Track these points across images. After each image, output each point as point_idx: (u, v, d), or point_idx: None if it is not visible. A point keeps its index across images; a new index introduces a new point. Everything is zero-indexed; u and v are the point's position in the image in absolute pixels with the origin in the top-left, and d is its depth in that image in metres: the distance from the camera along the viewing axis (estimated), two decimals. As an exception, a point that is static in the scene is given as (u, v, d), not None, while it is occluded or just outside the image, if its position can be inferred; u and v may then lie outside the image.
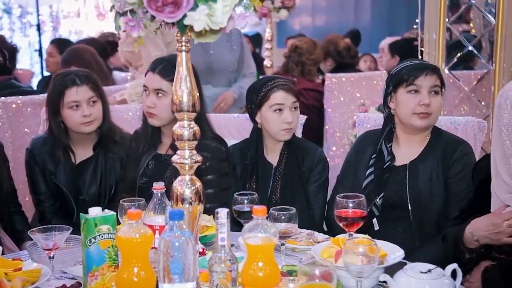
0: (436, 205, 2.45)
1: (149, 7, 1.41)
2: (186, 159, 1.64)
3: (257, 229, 1.62)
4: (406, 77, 2.48)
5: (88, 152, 2.90)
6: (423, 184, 2.47)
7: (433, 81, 2.47)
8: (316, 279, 1.55)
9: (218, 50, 4.12)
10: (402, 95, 2.49)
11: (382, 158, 2.55)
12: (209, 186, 2.53)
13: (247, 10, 1.56)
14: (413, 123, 2.49)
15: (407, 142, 2.56)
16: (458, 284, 1.74)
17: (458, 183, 2.44)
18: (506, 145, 2.07)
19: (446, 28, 3.90)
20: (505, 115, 2.06)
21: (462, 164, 2.45)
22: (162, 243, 1.49)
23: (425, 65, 2.52)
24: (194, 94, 1.63)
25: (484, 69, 4.22)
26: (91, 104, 2.82)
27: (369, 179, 2.54)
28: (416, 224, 2.46)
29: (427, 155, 2.51)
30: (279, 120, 2.65)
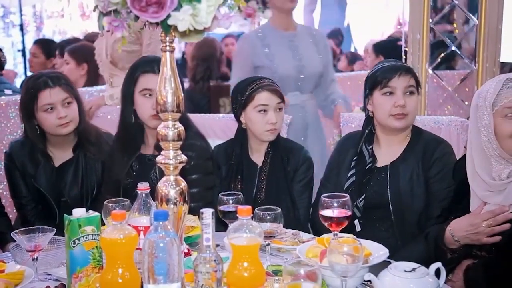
0: (417, 205, 2.46)
1: (132, 7, 1.41)
2: (170, 159, 1.64)
3: (242, 229, 1.62)
4: (380, 79, 2.50)
5: (68, 154, 2.87)
6: (404, 185, 2.48)
7: (407, 82, 2.49)
8: (301, 279, 1.56)
9: (307, 53, 3.79)
10: (377, 97, 2.51)
11: (363, 160, 2.56)
12: (194, 185, 2.54)
13: (232, 10, 1.56)
14: (390, 124, 2.50)
15: (387, 143, 2.58)
16: (442, 282, 1.76)
17: (439, 183, 2.45)
18: (485, 145, 2.08)
19: (430, 29, 3.92)
20: (484, 116, 2.07)
21: (442, 163, 2.46)
22: (147, 244, 1.48)
23: (398, 66, 2.53)
24: (179, 95, 1.63)
25: (467, 69, 4.25)
26: (66, 106, 2.78)
27: (350, 181, 2.56)
28: (398, 224, 2.47)
29: (408, 155, 2.52)
30: (264, 121, 2.65)
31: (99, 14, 1.52)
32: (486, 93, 2.07)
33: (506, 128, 2.03)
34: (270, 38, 3.73)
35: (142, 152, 2.73)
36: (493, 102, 2.04)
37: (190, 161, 2.54)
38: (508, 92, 2.02)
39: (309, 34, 3.86)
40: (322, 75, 3.83)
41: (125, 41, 1.54)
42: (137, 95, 2.66)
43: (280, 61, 3.68)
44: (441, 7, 5.37)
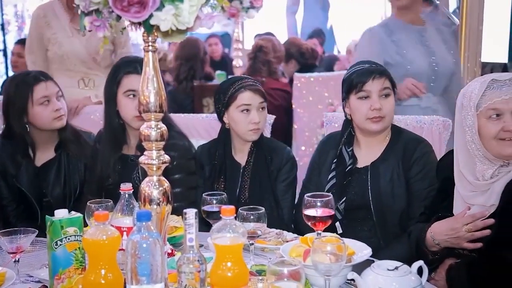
0: (398, 205, 2.47)
1: (114, 6, 1.40)
2: (153, 159, 1.64)
3: (226, 229, 1.62)
4: (355, 83, 2.51)
5: (50, 153, 2.86)
6: (385, 185, 2.49)
7: (381, 84, 2.49)
8: (285, 278, 1.56)
9: (439, 49, 3.43)
10: (353, 101, 2.52)
11: (343, 162, 2.57)
12: (177, 185, 2.53)
13: (214, 10, 1.56)
14: (367, 127, 2.51)
15: (367, 144, 2.59)
16: (424, 280, 1.77)
17: (420, 183, 2.46)
18: (470, 146, 2.09)
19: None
20: (469, 116, 2.07)
21: (422, 163, 2.48)
22: (130, 245, 1.48)
23: (372, 70, 2.52)
24: (161, 95, 1.62)
25: (449, 69, 4.27)
26: (58, 99, 2.81)
27: (331, 183, 2.56)
28: (380, 225, 2.48)
29: (388, 155, 2.53)
30: (247, 121, 2.65)
31: (80, 14, 1.51)
32: (471, 94, 2.07)
33: (490, 129, 2.03)
34: (399, 33, 3.43)
35: (125, 152, 2.72)
36: (478, 103, 2.04)
37: (173, 161, 2.53)
38: (492, 94, 2.02)
39: (437, 28, 3.53)
40: (454, 74, 3.47)
41: (106, 41, 1.53)
42: (121, 96, 2.65)
43: (413, 58, 3.38)
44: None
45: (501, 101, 2.01)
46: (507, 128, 2.00)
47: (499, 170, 2.05)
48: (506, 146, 2.02)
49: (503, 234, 1.99)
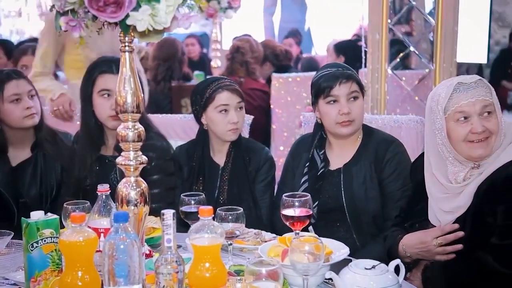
0: (372, 207, 2.47)
1: (90, 6, 1.39)
2: (131, 160, 1.63)
3: (204, 230, 1.62)
4: (322, 88, 2.50)
5: (26, 153, 2.82)
6: (358, 187, 2.49)
7: (348, 88, 2.49)
8: (263, 278, 1.56)
9: None
10: (322, 106, 2.52)
11: (315, 166, 2.58)
12: (155, 186, 2.52)
13: (191, 10, 1.56)
14: (337, 132, 2.52)
15: (339, 146, 2.59)
16: (401, 279, 1.79)
17: (393, 184, 2.47)
18: (441, 148, 2.10)
19: (389, 29, 3.98)
20: (437, 120, 2.08)
21: (394, 164, 2.48)
22: (107, 246, 1.47)
23: (338, 74, 2.51)
24: (139, 95, 1.62)
25: (425, 69, 4.33)
26: (31, 98, 2.77)
27: (303, 187, 2.56)
28: (355, 226, 2.49)
29: (360, 157, 2.54)
30: (225, 121, 2.65)
31: (56, 13, 1.50)
32: (438, 97, 2.08)
33: (459, 132, 2.04)
34: None
35: (102, 153, 2.70)
36: (445, 107, 2.05)
37: (151, 162, 2.52)
38: (459, 97, 2.03)
39: None
40: None
41: (83, 41, 1.52)
42: (96, 95, 2.63)
43: None
44: (399, 8, 5.46)
45: (468, 104, 2.02)
46: (475, 130, 2.02)
47: (470, 172, 2.07)
48: (476, 148, 2.04)
49: (477, 235, 2.01)
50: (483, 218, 2.00)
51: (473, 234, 2.02)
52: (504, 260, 1.93)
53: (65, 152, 2.81)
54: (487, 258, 1.95)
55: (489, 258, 1.95)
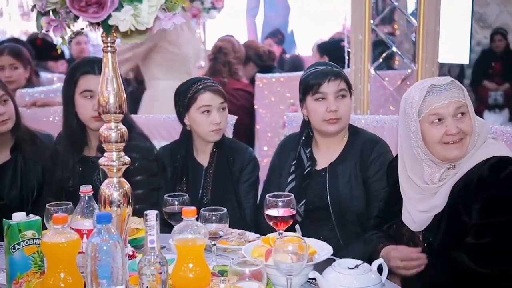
0: (357, 206, 2.49)
1: (72, 7, 1.38)
2: (113, 161, 1.63)
3: (187, 230, 1.62)
4: (310, 84, 2.52)
5: (5, 155, 2.79)
6: (343, 186, 2.51)
7: (337, 86, 2.51)
8: (247, 279, 1.57)
9: None
10: (310, 103, 2.54)
11: (302, 164, 2.59)
12: (138, 186, 2.52)
13: (173, 10, 1.55)
14: (324, 129, 2.54)
15: (326, 145, 2.61)
16: (384, 278, 1.80)
17: (377, 183, 2.49)
18: (416, 150, 2.11)
19: (372, 29, 4.00)
20: (412, 122, 2.09)
21: (379, 163, 2.50)
22: (90, 247, 1.47)
23: (327, 72, 2.53)
24: (121, 95, 1.62)
25: (408, 69, 4.36)
26: (2, 103, 2.73)
27: (290, 186, 2.57)
28: (339, 225, 2.50)
29: (346, 156, 2.56)
30: (208, 121, 2.65)
31: (37, 14, 1.49)
32: (412, 100, 2.08)
33: (434, 134, 2.05)
34: None
35: (85, 154, 2.69)
36: (419, 109, 2.06)
37: (134, 162, 2.52)
38: (432, 100, 2.04)
39: None
40: None
41: (64, 41, 1.51)
42: (78, 96, 2.61)
43: None
44: (382, 8, 5.49)
45: (442, 106, 2.03)
46: (449, 132, 2.03)
47: (446, 172, 2.08)
48: (451, 149, 2.05)
49: (452, 235, 2.03)
50: (459, 217, 2.01)
51: (448, 233, 2.03)
52: (480, 260, 1.94)
53: (46, 154, 2.78)
54: (462, 258, 1.97)
55: (465, 257, 1.96)
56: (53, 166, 2.71)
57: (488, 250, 1.94)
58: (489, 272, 1.93)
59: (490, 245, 1.94)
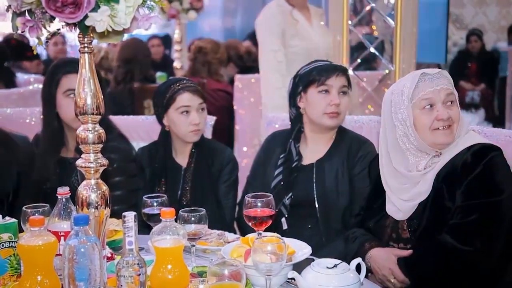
0: (342, 202, 2.52)
1: (47, 7, 1.37)
2: (91, 162, 1.61)
3: (166, 232, 1.62)
4: (317, 77, 2.54)
5: None
6: (330, 182, 2.54)
7: (342, 82, 2.56)
8: (226, 279, 1.57)
9: None
10: (313, 95, 2.56)
11: (291, 158, 2.60)
12: (117, 188, 2.51)
13: (151, 11, 1.55)
14: (323, 122, 2.56)
15: (314, 142, 2.63)
16: (362, 277, 1.81)
17: (362, 180, 2.52)
18: (401, 140, 2.14)
19: (350, 31, 4.02)
20: (400, 110, 2.12)
21: (365, 162, 2.54)
22: (67, 250, 1.45)
23: (335, 66, 2.60)
24: (98, 96, 1.61)
25: (386, 70, 4.38)
26: None
27: (277, 179, 2.59)
28: (323, 222, 2.52)
29: (333, 153, 2.59)
30: (186, 122, 2.65)
31: (12, 14, 1.47)
32: (403, 88, 2.12)
33: (424, 120, 2.09)
34: None
35: (63, 155, 2.66)
36: (411, 96, 2.10)
37: (113, 164, 2.51)
38: (424, 85, 2.09)
39: None
40: None
41: (41, 42, 1.50)
42: (60, 96, 2.59)
43: None
44: (360, 9, 5.53)
45: (433, 91, 2.08)
46: (440, 116, 2.07)
47: (432, 160, 2.12)
48: (440, 135, 2.09)
49: (436, 219, 2.07)
50: (443, 201, 2.05)
51: (432, 218, 2.07)
52: (463, 238, 1.98)
53: (21, 156, 2.74)
54: (446, 238, 2.00)
55: (448, 237, 2.00)
56: (29, 168, 2.68)
57: (471, 228, 1.98)
58: (472, 250, 1.97)
59: (473, 223, 1.98)
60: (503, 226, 1.99)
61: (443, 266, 2.01)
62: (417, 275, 2.06)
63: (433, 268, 2.03)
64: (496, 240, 1.98)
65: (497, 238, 1.98)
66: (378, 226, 2.23)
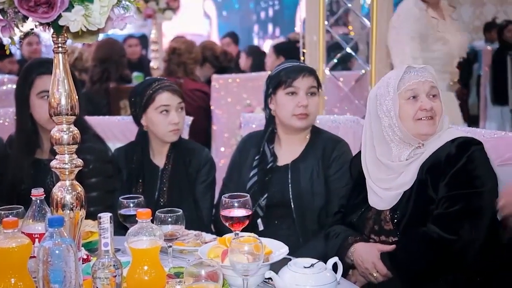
0: (318, 202, 2.53)
1: (20, 7, 1.35)
2: (66, 163, 1.60)
3: (142, 233, 1.61)
4: (284, 79, 2.55)
5: None
6: (305, 183, 2.55)
7: (310, 83, 2.56)
8: (203, 280, 1.57)
9: None
10: (281, 97, 2.56)
11: (265, 159, 2.61)
12: (93, 189, 2.49)
13: (126, 11, 1.54)
14: (293, 124, 2.56)
15: (288, 143, 2.64)
16: (339, 276, 1.82)
17: (338, 180, 2.54)
18: (386, 131, 2.18)
19: (327, 31, 4.04)
20: (386, 101, 2.17)
21: (340, 162, 2.55)
22: (41, 252, 1.44)
23: (302, 67, 2.60)
24: (73, 97, 1.59)
25: (362, 70, 4.42)
26: None
27: (253, 180, 2.59)
28: (299, 222, 2.53)
29: (308, 154, 2.59)
30: (166, 122, 2.64)
31: (-16, 14, 1.45)
32: (389, 80, 2.19)
33: (408, 111, 2.14)
34: None
35: (38, 156, 2.63)
36: (397, 86, 2.16)
37: (89, 165, 2.49)
38: (410, 77, 2.15)
39: None
40: None
41: (14, 42, 1.48)
42: (34, 97, 2.56)
43: None
44: (337, 10, 5.57)
45: (418, 82, 2.14)
46: (424, 106, 2.12)
47: (414, 151, 2.16)
48: (423, 125, 2.14)
49: (419, 210, 2.10)
50: (427, 193, 2.10)
51: (416, 208, 2.11)
52: (447, 227, 2.02)
53: None
54: (431, 227, 2.04)
55: (433, 227, 2.03)
56: (3, 170, 2.65)
57: (455, 217, 2.02)
58: (456, 239, 2.00)
59: (457, 212, 2.02)
60: (485, 216, 2.04)
61: (428, 255, 2.05)
62: (402, 267, 2.08)
63: (418, 259, 2.06)
64: (480, 229, 2.03)
65: (481, 227, 2.03)
66: (360, 219, 2.25)
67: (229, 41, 7.94)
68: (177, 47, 5.19)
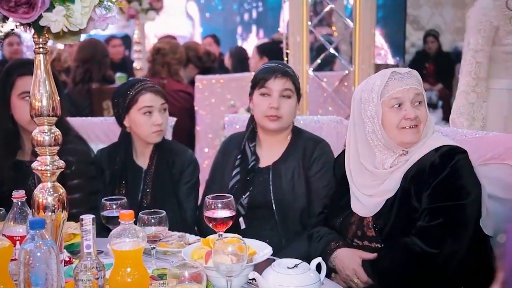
0: (299, 203, 2.54)
1: (0, 7, 1.34)
2: (47, 165, 1.59)
3: (125, 234, 1.60)
4: (258, 79, 2.57)
5: None
6: (286, 184, 2.55)
7: (282, 85, 2.54)
8: (186, 281, 1.56)
9: None
10: (256, 97, 2.58)
11: (247, 159, 2.61)
12: (76, 190, 2.48)
13: (108, 11, 1.53)
14: (264, 125, 2.57)
15: (268, 144, 2.64)
16: (323, 276, 1.82)
17: (319, 181, 2.54)
18: (370, 136, 2.16)
19: (310, 31, 4.05)
20: (370, 107, 2.14)
21: (321, 162, 2.56)
22: (22, 254, 1.43)
23: (275, 69, 2.58)
24: (55, 98, 1.58)
25: (346, 70, 4.43)
26: None
27: (235, 179, 2.59)
28: (282, 223, 2.53)
29: (289, 155, 2.60)
30: (149, 123, 2.62)
31: (-36, 14, 1.44)
32: (373, 86, 2.14)
33: (392, 119, 2.11)
34: None
35: (19, 158, 2.61)
36: (381, 93, 2.12)
37: (71, 166, 2.48)
38: (394, 84, 2.11)
39: None
40: None
41: (-5, 41, 1.46)
42: (15, 98, 2.53)
43: None
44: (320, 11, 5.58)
45: (402, 90, 2.11)
46: (408, 115, 2.10)
47: (398, 159, 2.15)
48: (407, 133, 2.11)
49: (402, 219, 2.09)
50: (410, 202, 2.08)
51: (399, 217, 2.09)
52: (430, 240, 2.00)
53: None
54: (413, 240, 2.02)
55: (415, 239, 2.02)
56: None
57: (437, 231, 2.01)
58: (438, 252, 1.99)
59: (439, 226, 2.01)
60: (468, 229, 2.02)
61: (410, 266, 2.03)
62: (383, 276, 2.08)
63: (399, 268, 2.05)
64: (463, 241, 2.01)
65: (464, 239, 2.01)
66: (343, 223, 2.24)
67: (210, 41, 7.95)
68: (161, 47, 5.18)
